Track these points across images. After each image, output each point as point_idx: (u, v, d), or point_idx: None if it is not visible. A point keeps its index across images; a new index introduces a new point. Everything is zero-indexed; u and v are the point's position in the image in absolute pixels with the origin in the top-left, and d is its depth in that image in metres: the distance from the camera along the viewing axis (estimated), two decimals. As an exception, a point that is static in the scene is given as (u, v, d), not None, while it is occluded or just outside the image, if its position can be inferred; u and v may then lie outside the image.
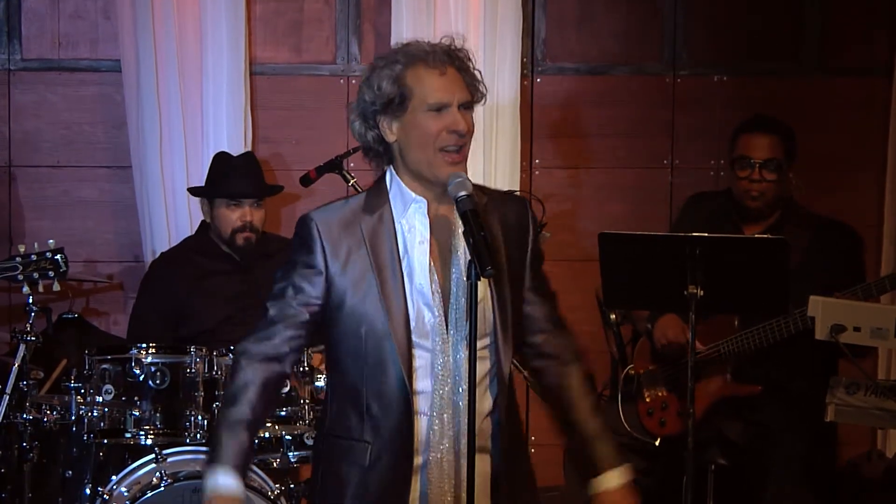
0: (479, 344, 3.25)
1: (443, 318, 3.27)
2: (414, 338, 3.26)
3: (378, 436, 3.28)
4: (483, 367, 3.29)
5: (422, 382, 3.28)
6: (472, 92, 3.32)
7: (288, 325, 3.31)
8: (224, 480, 3.26)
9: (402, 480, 3.26)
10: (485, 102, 3.40)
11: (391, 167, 3.35)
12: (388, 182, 3.35)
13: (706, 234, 4.67)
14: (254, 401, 3.29)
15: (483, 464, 3.29)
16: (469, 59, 3.34)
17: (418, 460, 3.28)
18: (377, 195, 3.34)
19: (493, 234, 3.30)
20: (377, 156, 3.35)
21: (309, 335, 3.35)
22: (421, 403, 3.28)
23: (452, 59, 3.28)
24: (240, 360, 3.33)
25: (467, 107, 3.29)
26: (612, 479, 3.40)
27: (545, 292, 3.46)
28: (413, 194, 3.31)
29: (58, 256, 4.96)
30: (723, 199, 5.35)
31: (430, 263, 3.28)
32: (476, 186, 3.35)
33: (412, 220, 3.31)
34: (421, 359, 3.27)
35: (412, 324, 3.26)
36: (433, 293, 3.27)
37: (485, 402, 3.31)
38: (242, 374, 3.31)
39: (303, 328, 3.32)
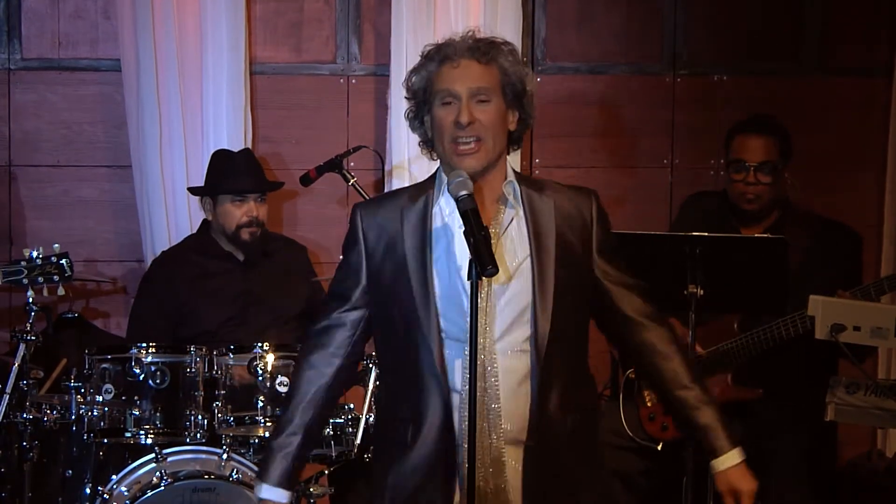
0: (524, 334, 3.30)
1: (482, 303, 3.27)
2: (443, 323, 3.28)
3: (418, 414, 3.31)
4: (522, 360, 3.31)
5: (452, 363, 3.30)
6: (500, 84, 3.32)
7: (342, 327, 3.43)
8: (269, 493, 3.40)
9: (449, 455, 3.30)
10: (528, 98, 3.39)
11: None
12: (436, 175, 3.42)
13: (706, 234, 4.68)
14: (304, 406, 3.41)
15: (516, 458, 3.32)
16: (505, 53, 3.34)
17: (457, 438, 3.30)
18: (424, 185, 3.43)
19: (544, 217, 3.34)
20: (432, 149, 3.41)
21: (366, 327, 3.44)
22: (454, 389, 3.29)
23: (473, 51, 3.31)
24: (299, 363, 3.48)
25: (482, 98, 3.31)
26: (732, 459, 3.45)
27: (627, 283, 3.45)
28: (446, 178, 3.34)
29: (63, 261, 4.97)
30: (721, 200, 5.35)
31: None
32: (538, 179, 3.45)
33: (448, 205, 3.34)
34: (446, 344, 3.29)
35: (442, 308, 3.28)
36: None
37: (520, 397, 3.31)
38: (297, 380, 3.45)
39: (356, 326, 3.43)
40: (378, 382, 3.50)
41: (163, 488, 4.64)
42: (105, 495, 4.72)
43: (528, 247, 3.32)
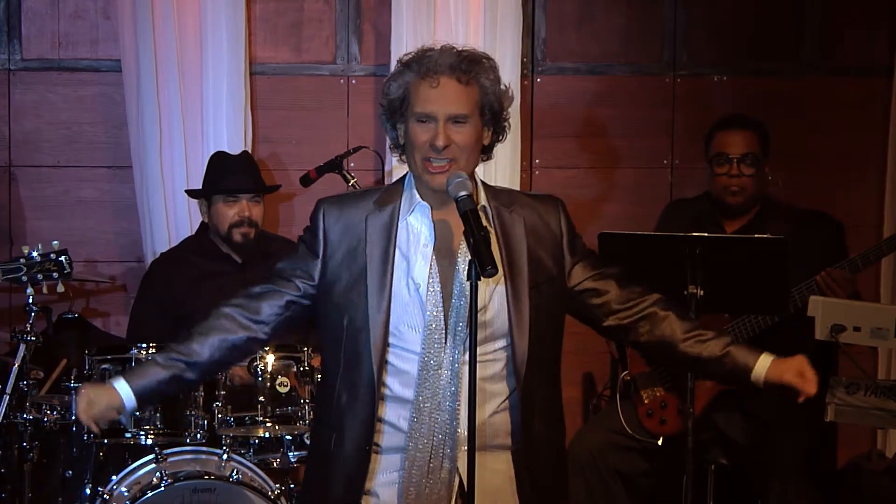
0: (493, 346, 3.32)
1: (441, 321, 3.28)
2: (392, 339, 3.30)
3: (342, 425, 3.33)
4: (495, 367, 3.33)
5: (395, 379, 3.30)
6: (478, 104, 3.30)
7: (273, 299, 3.41)
8: (122, 388, 3.38)
9: (362, 471, 3.31)
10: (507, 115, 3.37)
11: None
12: (405, 181, 3.41)
13: (706, 235, 4.69)
14: (204, 346, 3.39)
15: (501, 462, 3.35)
16: (487, 70, 3.31)
17: (379, 458, 3.33)
18: (392, 192, 3.40)
19: (516, 238, 3.35)
20: (403, 153, 3.40)
21: (295, 315, 3.42)
22: (389, 401, 3.31)
23: (455, 69, 3.28)
24: (218, 310, 3.44)
25: (459, 120, 3.28)
26: (766, 359, 3.43)
27: (604, 274, 3.45)
28: (419, 197, 3.35)
29: (62, 258, 4.96)
30: (702, 202, 5.39)
31: (430, 266, 3.30)
32: (504, 190, 3.43)
33: (417, 221, 3.35)
34: (399, 356, 3.31)
35: (394, 322, 3.29)
36: (428, 295, 3.29)
37: (495, 400, 3.33)
38: (212, 320, 3.42)
39: (288, 308, 3.41)
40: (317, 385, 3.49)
41: (163, 489, 4.62)
42: (105, 496, 4.72)
43: (502, 270, 3.30)
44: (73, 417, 4.83)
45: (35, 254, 4.96)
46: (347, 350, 3.32)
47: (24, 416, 4.88)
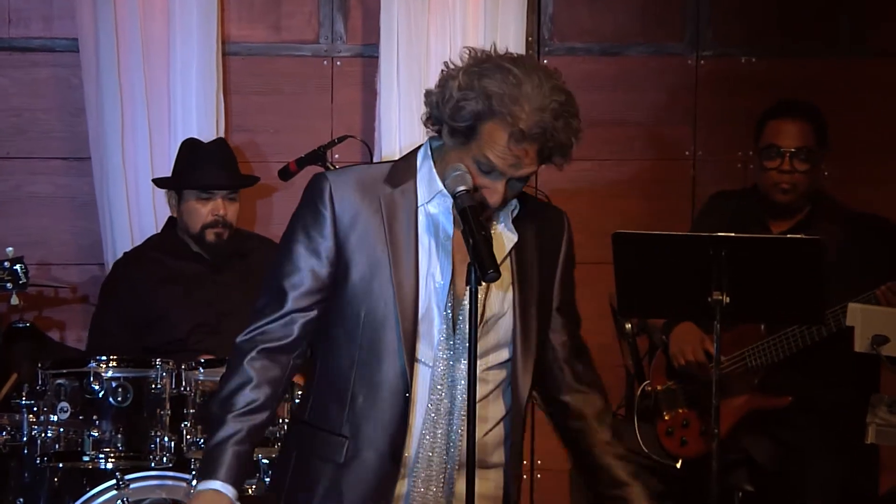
0: (494, 358, 3.30)
1: (450, 326, 3.25)
2: (421, 331, 3.24)
3: (359, 431, 3.25)
4: (496, 377, 3.31)
5: (421, 382, 3.27)
6: (541, 153, 3.22)
7: (292, 309, 3.27)
8: (217, 485, 3.22)
9: (385, 483, 3.26)
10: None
11: (429, 145, 3.30)
12: (419, 159, 3.30)
13: (732, 234, 4.65)
14: (253, 402, 3.25)
15: (487, 481, 3.33)
16: (571, 129, 3.26)
17: (407, 464, 3.28)
18: (405, 170, 3.30)
19: (528, 245, 3.33)
20: (432, 121, 3.26)
21: (320, 314, 3.29)
22: (417, 403, 3.27)
23: (544, 138, 3.17)
24: (237, 354, 3.29)
25: (522, 179, 3.23)
26: None
27: (570, 318, 3.45)
28: (440, 185, 3.25)
29: (17, 267, 5.00)
30: (748, 197, 5.36)
31: (451, 264, 3.25)
32: (525, 200, 3.37)
33: (436, 211, 3.26)
34: (422, 359, 3.27)
35: (421, 315, 3.23)
36: (448, 296, 3.25)
37: (491, 414, 3.32)
38: (241, 371, 3.26)
39: (311, 309, 3.27)
40: (307, 382, 3.37)
41: (125, 518, 4.63)
42: (61, 526, 4.72)
43: (511, 277, 3.29)
44: (25, 439, 4.82)
45: (-13, 263, 4.96)
46: (365, 346, 3.24)
47: (-30, 437, 4.86)
